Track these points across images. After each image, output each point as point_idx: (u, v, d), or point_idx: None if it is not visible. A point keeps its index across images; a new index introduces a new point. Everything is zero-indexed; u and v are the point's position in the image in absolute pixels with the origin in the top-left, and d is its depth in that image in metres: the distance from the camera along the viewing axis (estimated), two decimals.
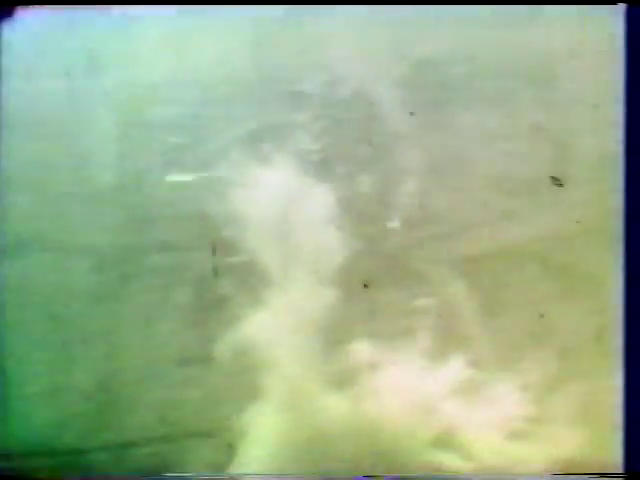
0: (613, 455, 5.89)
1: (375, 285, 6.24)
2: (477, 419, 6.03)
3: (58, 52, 6.30)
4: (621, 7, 5.72)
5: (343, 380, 6.11)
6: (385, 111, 6.42)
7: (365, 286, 6.19)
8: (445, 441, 6.05)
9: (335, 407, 6.05)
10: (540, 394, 6.06)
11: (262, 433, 6.06)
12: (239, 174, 6.37)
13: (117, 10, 6.27)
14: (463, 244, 6.30)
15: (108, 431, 6.19)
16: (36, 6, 6.04)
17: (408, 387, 6.11)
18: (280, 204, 6.33)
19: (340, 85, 6.51)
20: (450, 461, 6.04)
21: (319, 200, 6.30)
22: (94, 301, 6.25)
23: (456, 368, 6.12)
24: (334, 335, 6.16)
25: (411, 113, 5.94)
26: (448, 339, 6.19)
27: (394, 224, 6.33)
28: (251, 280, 6.21)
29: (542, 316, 6.16)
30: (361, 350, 6.12)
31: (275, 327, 6.13)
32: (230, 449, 6.09)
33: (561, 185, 5.59)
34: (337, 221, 6.32)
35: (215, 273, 6.23)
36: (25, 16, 6.10)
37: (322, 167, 6.38)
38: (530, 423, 6.04)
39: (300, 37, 6.47)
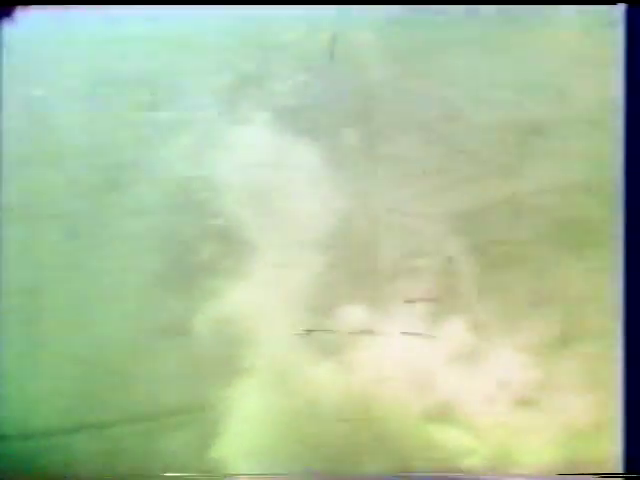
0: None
1: (366, 246, 5.78)
2: (477, 387, 5.57)
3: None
4: (621, 7, 5.57)
5: (333, 350, 5.65)
6: (369, 59, 5.93)
7: (355, 249, 5.71)
8: (444, 412, 5.58)
9: (324, 379, 5.60)
10: (544, 357, 5.59)
11: (248, 408, 5.60)
12: (216, 132, 5.91)
13: None
14: (458, 199, 5.81)
15: (86, 409, 5.71)
16: (36, 6, 5.86)
17: (403, 354, 5.64)
18: (261, 164, 5.86)
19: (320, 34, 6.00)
20: (450, 435, 5.56)
21: (300, 160, 5.83)
22: (67, 270, 5.76)
23: (454, 332, 5.64)
24: (323, 302, 5.69)
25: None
26: (445, 301, 5.72)
27: (384, 180, 5.83)
28: (232, 247, 5.75)
29: (544, 273, 5.66)
30: (352, 317, 5.65)
31: (259, 296, 5.66)
32: (214, 426, 5.63)
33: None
34: (322, 179, 5.84)
35: (193, 239, 5.76)
36: (25, 16, 5.90)
37: (304, 122, 5.91)
38: (533, 389, 5.57)
39: None
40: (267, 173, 6.01)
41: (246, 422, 5.76)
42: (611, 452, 5.63)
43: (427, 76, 6.14)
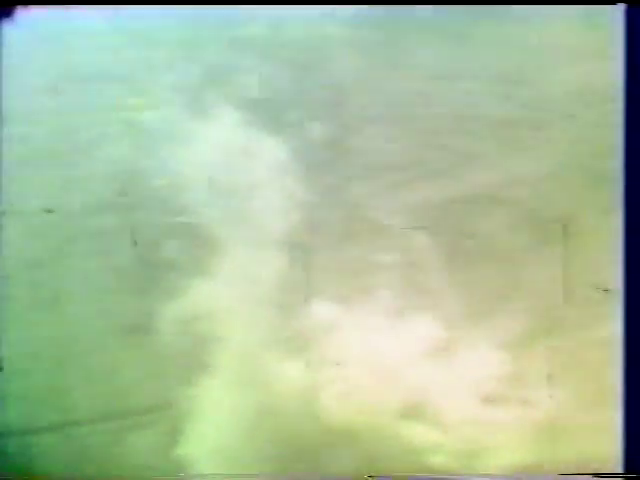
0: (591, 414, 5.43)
1: (332, 241, 5.68)
2: (447, 383, 5.48)
3: None
4: (621, 7, 5.54)
5: (299, 347, 5.56)
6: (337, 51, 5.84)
7: (321, 244, 5.62)
8: (414, 410, 5.49)
9: (290, 377, 5.52)
10: (514, 352, 5.50)
11: (213, 407, 5.51)
12: (180, 126, 5.82)
13: None
14: (425, 192, 5.72)
15: (50, 409, 5.63)
16: (36, 6, 5.82)
17: (370, 351, 5.55)
18: (225, 158, 5.77)
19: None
20: (421, 433, 5.47)
21: (266, 154, 5.74)
22: (32, 268, 5.67)
23: (422, 328, 5.55)
24: (289, 298, 5.61)
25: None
26: (413, 296, 5.63)
27: (352, 173, 5.74)
28: (196, 244, 5.66)
29: (514, 267, 5.57)
30: (318, 313, 5.57)
31: (224, 294, 5.57)
32: (177, 425, 5.55)
33: None
34: (289, 174, 5.75)
35: (157, 236, 5.67)
36: (25, 16, 5.84)
37: (270, 115, 5.82)
38: (505, 384, 5.48)
39: None
40: (231, 168, 5.92)
41: (212, 420, 5.67)
42: (580, 447, 5.54)
43: (396, 68, 6.03)
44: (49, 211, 5.85)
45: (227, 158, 5.82)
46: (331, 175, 5.86)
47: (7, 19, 5.87)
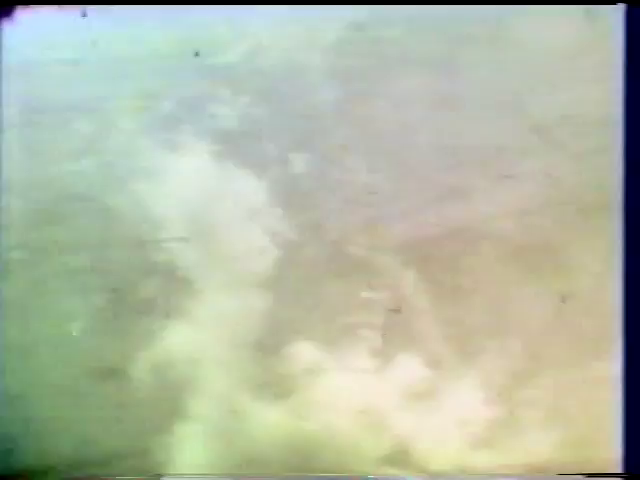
0: (589, 455, 5.33)
1: (314, 280, 5.45)
2: (434, 426, 5.24)
3: None
4: (621, 7, 5.50)
5: (280, 392, 5.30)
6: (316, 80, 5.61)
7: (302, 283, 5.38)
8: (399, 455, 5.24)
9: (272, 423, 5.26)
10: (505, 392, 5.27)
11: (190, 456, 5.24)
12: (154, 162, 5.58)
13: None
14: (410, 226, 5.49)
15: (22, 455, 5.37)
16: (36, 6, 5.75)
17: (354, 394, 5.30)
18: (201, 195, 5.53)
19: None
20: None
21: (242, 188, 5.50)
22: (2, 309, 5.43)
23: (408, 369, 5.31)
24: (269, 340, 5.36)
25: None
26: (398, 336, 5.40)
27: (334, 207, 5.51)
28: (172, 285, 5.41)
29: (504, 303, 5.35)
30: (300, 355, 5.32)
31: (200, 338, 5.32)
32: (152, 475, 5.29)
33: None
34: (267, 210, 5.51)
35: (132, 275, 5.43)
36: (25, 16, 5.76)
37: (246, 148, 5.58)
38: (495, 427, 5.24)
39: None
40: (207, 204, 5.68)
41: (189, 472, 5.41)
42: None
43: (379, 97, 5.83)
44: (21, 248, 5.59)
45: (202, 194, 5.59)
46: (312, 210, 5.62)
47: (7, 19, 5.74)
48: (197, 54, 5.56)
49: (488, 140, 5.68)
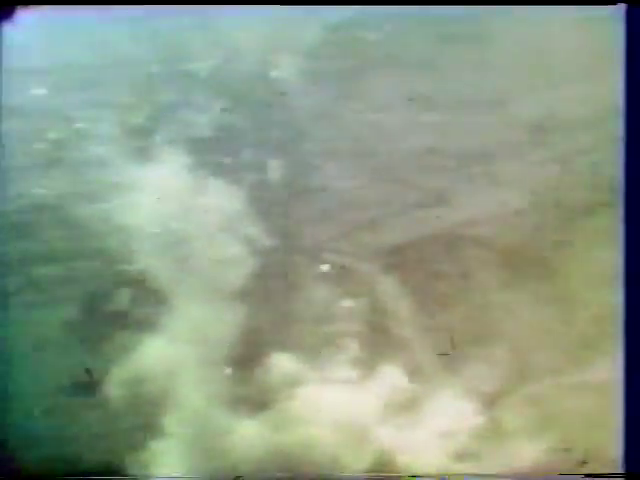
0: (577, 460, 5.23)
1: (292, 289, 5.29)
2: (417, 439, 5.06)
3: None
4: (621, 7, 5.39)
5: (258, 405, 5.14)
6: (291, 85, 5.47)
7: (279, 293, 5.22)
8: (381, 468, 5.07)
9: (250, 438, 5.09)
10: (489, 401, 5.10)
11: (166, 473, 5.07)
12: (125, 172, 5.42)
13: None
14: (391, 232, 5.35)
15: None
16: (36, 6, 5.52)
17: (335, 406, 5.13)
18: (173, 205, 5.37)
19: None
20: None
21: (218, 196, 5.34)
22: None
23: (390, 379, 5.15)
24: (246, 352, 5.20)
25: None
26: (379, 345, 5.24)
27: (312, 214, 5.36)
28: (145, 297, 5.25)
29: (485, 309, 5.19)
30: (278, 367, 5.15)
31: (174, 351, 5.15)
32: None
33: None
34: (244, 218, 5.36)
35: (104, 288, 5.26)
36: (25, 16, 5.55)
37: (221, 156, 5.44)
38: (480, 438, 5.07)
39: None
40: (182, 214, 5.52)
41: None
42: None
43: (358, 101, 5.68)
44: None
45: (175, 204, 5.42)
46: (289, 217, 5.46)
47: (7, 19, 5.54)
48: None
49: (471, 142, 5.54)
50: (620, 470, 5.11)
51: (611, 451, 5.25)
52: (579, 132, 5.92)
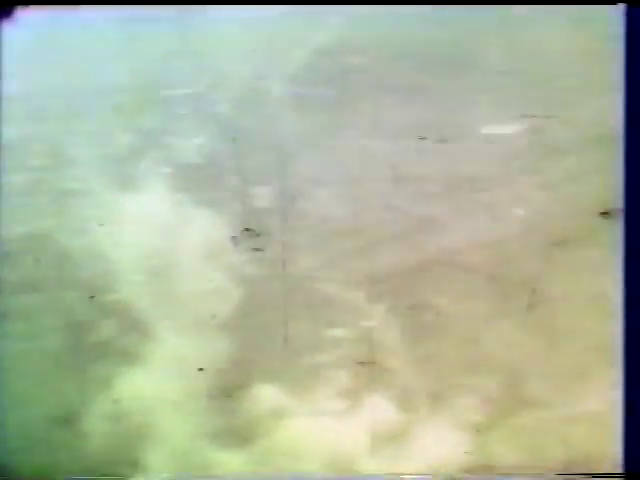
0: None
1: (278, 318, 5.17)
2: (404, 470, 4.94)
3: None
4: (621, 7, 5.40)
5: (243, 438, 5.01)
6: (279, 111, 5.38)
7: (265, 323, 5.11)
8: None
9: (233, 471, 4.95)
10: (480, 434, 4.98)
11: None
12: (107, 202, 5.32)
13: None
14: (378, 259, 5.24)
15: None
16: (36, 6, 5.61)
17: (321, 439, 5.00)
18: (158, 233, 5.26)
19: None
20: None
21: (203, 225, 5.24)
22: None
23: (378, 411, 5.02)
24: (230, 385, 5.07)
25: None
26: (366, 376, 5.12)
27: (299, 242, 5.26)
28: (127, 328, 5.14)
29: (476, 340, 5.08)
30: (263, 399, 5.02)
31: (157, 384, 5.02)
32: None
33: None
34: (230, 247, 5.25)
35: (85, 318, 5.16)
36: (25, 16, 5.66)
37: (206, 183, 5.34)
38: (468, 470, 4.95)
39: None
40: (166, 243, 5.41)
41: None
42: None
43: (345, 127, 5.60)
44: None
45: (160, 232, 5.32)
46: (276, 245, 5.36)
47: (7, 19, 5.57)
48: None
49: (458, 169, 5.44)
50: (620, 470, 5.03)
51: None
52: (571, 158, 5.83)
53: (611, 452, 4.89)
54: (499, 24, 5.24)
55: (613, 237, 5.10)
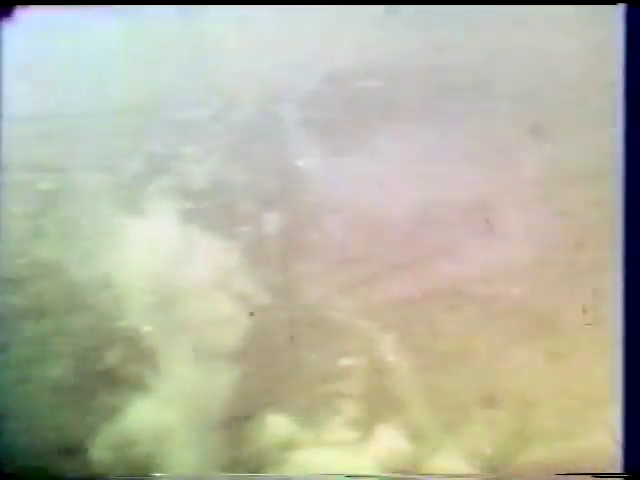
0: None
1: (288, 347, 5.08)
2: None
3: None
4: (621, 7, 5.35)
5: (252, 470, 4.92)
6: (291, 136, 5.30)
7: (275, 352, 5.03)
8: None
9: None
10: (492, 468, 4.88)
11: None
12: (117, 227, 5.24)
13: None
14: (390, 288, 5.15)
15: None
16: (36, 6, 5.58)
17: (332, 470, 4.91)
18: (166, 260, 5.18)
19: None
20: None
21: (213, 253, 5.15)
22: None
23: (389, 442, 4.93)
24: (239, 415, 4.98)
25: None
26: (377, 406, 5.02)
27: (309, 270, 5.17)
28: (135, 356, 5.06)
29: (490, 370, 4.98)
30: (273, 430, 4.94)
31: (165, 413, 4.94)
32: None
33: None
34: (238, 274, 5.16)
35: (93, 345, 5.08)
36: (25, 16, 5.57)
37: (217, 208, 5.26)
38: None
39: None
40: (175, 270, 5.33)
41: None
42: None
43: (357, 152, 5.51)
44: None
45: (168, 258, 5.23)
46: (286, 273, 5.27)
47: (7, 19, 5.57)
48: None
49: (473, 195, 5.35)
50: (620, 470, 4.97)
51: None
52: (586, 184, 5.74)
53: None
54: (513, 49, 5.15)
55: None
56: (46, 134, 5.38)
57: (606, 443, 4.88)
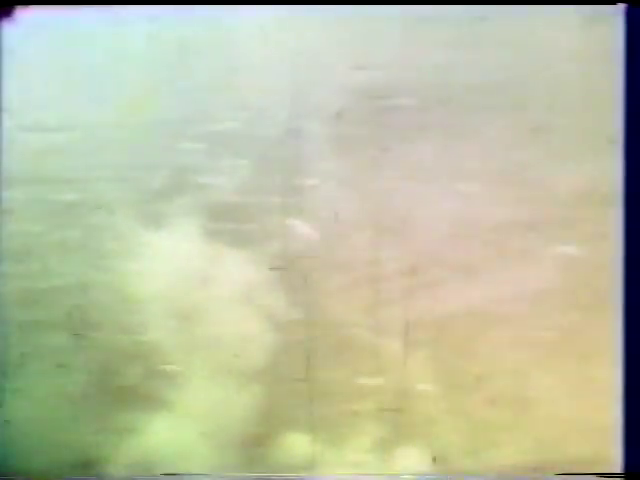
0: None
1: (313, 366, 4.99)
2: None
3: None
4: (621, 7, 5.31)
5: None
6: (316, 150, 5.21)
7: (299, 370, 4.94)
8: None
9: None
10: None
11: None
12: (138, 240, 5.16)
13: None
14: (418, 307, 5.06)
15: None
16: (36, 6, 5.56)
17: None
18: (190, 275, 5.09)
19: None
20: None
21: (235, 266, 5.06)
22: None
23: (412, 464, 4.83)
24: (261, 434, 4.89)
25: None
26: (402, 426, 4.92)
27: (335, 286, 5.08)
28: (154, 372, 4.97)
29: (518, 393, 4.89)
30: (298, 449, 4.84)
31: (185, 432, 4.85)
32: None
33: None
34: (263, 290, 5.07)
35: (111, 361, 5.00)
36: (25, 16, 5.55)
37: (240, 222, 5.17)
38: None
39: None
40: (198, 285, 5.24)
41: None
42: None
43: (382, 168, 5.42)
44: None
45: (191, 273, 5.14)
46: (311, 289, 5.17)
47: (7, 19, 5.56)
48: None
49: (503, 215, 5.25)
50: (620, 470, 5.01)
51: None
52: (613, 209, 5.64)
53: None
54: (548, 69, 5.05)
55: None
56: (66, 145, 5.29)
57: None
